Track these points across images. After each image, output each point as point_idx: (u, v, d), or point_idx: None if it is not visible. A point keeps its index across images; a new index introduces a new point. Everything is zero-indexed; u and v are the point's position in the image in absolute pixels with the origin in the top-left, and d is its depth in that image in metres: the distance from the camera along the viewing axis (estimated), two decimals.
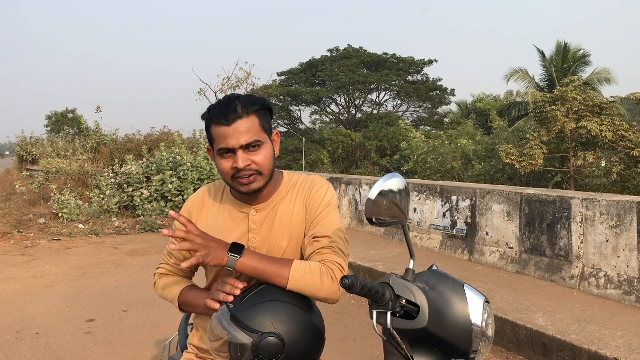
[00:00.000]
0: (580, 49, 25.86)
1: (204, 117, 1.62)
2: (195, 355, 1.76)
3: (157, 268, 1.85)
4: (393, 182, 1.40)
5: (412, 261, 1.42)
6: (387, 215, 1.39)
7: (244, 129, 1.54)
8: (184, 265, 1.42)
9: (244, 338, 1.34)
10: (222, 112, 1.55)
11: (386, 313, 1.30)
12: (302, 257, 1.66)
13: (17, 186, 13.07)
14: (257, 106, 1.58)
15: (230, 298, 1.45)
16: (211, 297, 1.50)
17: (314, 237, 1.61)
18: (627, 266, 4.45)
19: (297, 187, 1.72)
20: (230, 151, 1.56)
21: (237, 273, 1.52)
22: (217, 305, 1.47)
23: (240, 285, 1.48)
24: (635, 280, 4.36)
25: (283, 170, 1.80)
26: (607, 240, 4.62)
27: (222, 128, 1.54)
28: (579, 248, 4.86)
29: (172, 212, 1.46)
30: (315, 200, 1.67)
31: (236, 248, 1.49)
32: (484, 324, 1.36)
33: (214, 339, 1.41)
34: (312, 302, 1.53)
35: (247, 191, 1.60)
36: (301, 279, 1.48)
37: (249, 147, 1.55)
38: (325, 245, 1.58)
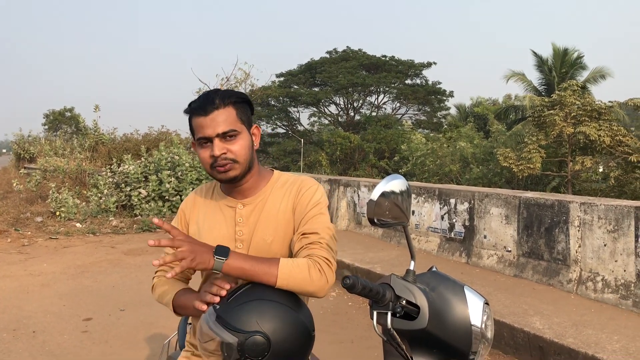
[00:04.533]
0: (576, 51, 25.99)
1: (186, 111, 1.70)
2: (192, 353, 1.78)
3: (155, 272, 1.86)
4: (395, 183, 1.41)
5: (412, 262, 1.43)
6: (389, 216, 1.40)
7: (221, 119, 1.62)
8: (169, 276, 1.42)
9: (230, 338, 1.34)
10: (201, 104, 1.64)
11: (387, 314, 1.31)
12: (291, 255, 1.68)
13: (14, 184, 13.05)
14: (234, 98, 1.66)
15: (217, 299, 1.45)
16: (199, 299, 1.50)
17: (302, 234, 1.64)
18: (625, 271, 4.46)
19: (287, 186, 1.76)
20: (209, 140, 1.63)
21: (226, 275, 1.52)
22: (204, 307, 1.46)
23: (227, 286, 1.47)
24: (632, 284, 4.38)
25: (274, 170, 1.84)
26: (604, 245, 4.63)
27: (201, 119, 1.63)
28: (576, 252, 4.87)
29: (155, 220, 1.46)
30: (304, 199, 1.70)
31: (222, 250, 1.48)
32: (483, 325, 1.37)
33: (204, 340, 1.41)
34: (300, 300, 1.53)
35: (224, 179, 1.66)
36: (290, 275, 1.49)
37: (225, 136, 1.63)
38: (314, 240, 1.61)
